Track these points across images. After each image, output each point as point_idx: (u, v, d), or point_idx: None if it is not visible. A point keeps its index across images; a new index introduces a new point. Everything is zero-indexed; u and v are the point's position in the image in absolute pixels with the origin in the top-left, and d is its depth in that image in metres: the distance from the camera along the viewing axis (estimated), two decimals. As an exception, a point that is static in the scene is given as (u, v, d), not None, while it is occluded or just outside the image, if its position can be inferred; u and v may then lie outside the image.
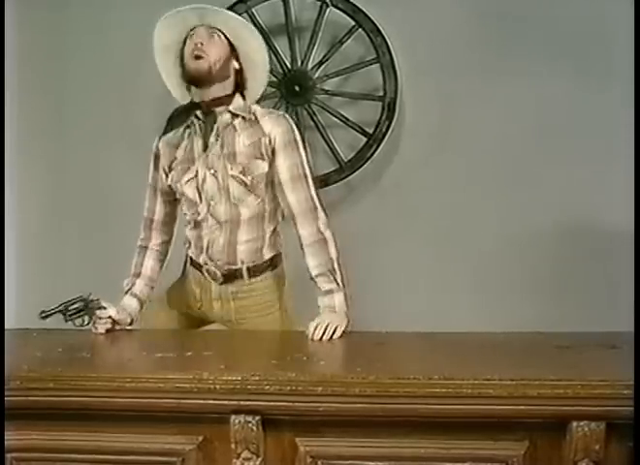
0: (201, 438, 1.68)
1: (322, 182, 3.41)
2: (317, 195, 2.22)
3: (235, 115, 2.18)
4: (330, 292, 2.16)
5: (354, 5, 3.28)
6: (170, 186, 2.26)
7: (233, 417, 1.63)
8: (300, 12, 3.36)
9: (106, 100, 3.49)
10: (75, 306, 2.15)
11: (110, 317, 2.17)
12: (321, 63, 3.35)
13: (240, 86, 2.21)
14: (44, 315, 2.10)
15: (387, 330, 2.12)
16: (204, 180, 2.17)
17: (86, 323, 2.15)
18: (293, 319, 2.33)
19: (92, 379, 1.65)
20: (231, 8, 3.32)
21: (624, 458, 1.59)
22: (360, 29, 3.29)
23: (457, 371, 1.65)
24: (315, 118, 3.37)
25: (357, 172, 3.39)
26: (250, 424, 1.62)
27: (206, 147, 2.17)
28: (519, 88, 3.28)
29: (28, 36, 3.48)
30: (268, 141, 2.16)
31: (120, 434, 1.69)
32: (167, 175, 2.26)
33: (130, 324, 2.25)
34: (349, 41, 3.32)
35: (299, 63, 3.37)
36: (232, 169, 2.15)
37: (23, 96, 3.49)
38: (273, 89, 3.39)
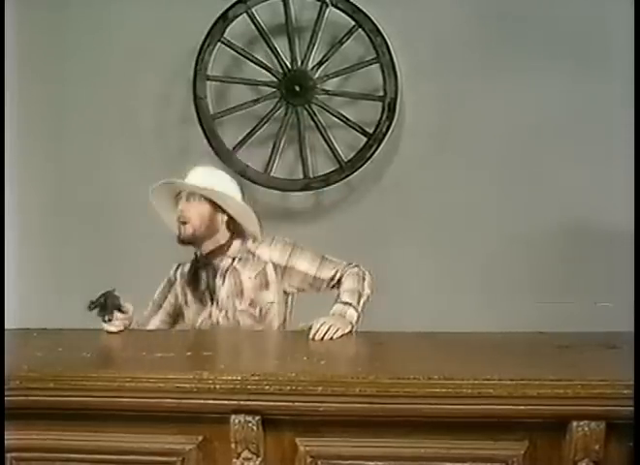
0: (201, 438, 1.68)
1: (322, 182, 3.42)
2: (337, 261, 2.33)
3: (234, 259, 2.33)
4: (347, 304, 2.18)
5: (354, 5, 3.28)
6: (178, 309, 2.42)
7: (233, 416, 1.63)
8: (300, 12, 3.36)
9: (106, 100, 3.49)
10: (98, 301, 2.14)
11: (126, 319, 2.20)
12: (321, 63, 3.36)
13: (236, 233, 2.35)
14: (92, 307, 2.13)
15: (387, 330, 2.12)
16: (217, 322, 2.32)
17: (107, 319, 2.14)
18: None
19: (92, 379, 1.65)
20: (231, 8, 3.34)
21: (624, 458, 1.59)
22: (360, 29, 3.29)
23: (457, 371, 1.64)
24: (315, 118, 3.37)
25: (357, 172, 3.39)
26: (250, 424, 1.62)
27: (213, 292, 2.32)
28: (519, 88, 3.28)
29: (28, 36, 3.48)
30: (272, 267, 2.31)
31: (120, 434, 1.69)
32: (179, 309, 2.41)
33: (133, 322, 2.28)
34: (349, 41, 3.33)
35: (299, 63, 3.37)
36: (240, 304, 2.30)
37: (23, 96, 3.49)
38: (273, 89, 3.39)
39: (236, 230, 2.34)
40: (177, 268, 2.43)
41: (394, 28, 3.28)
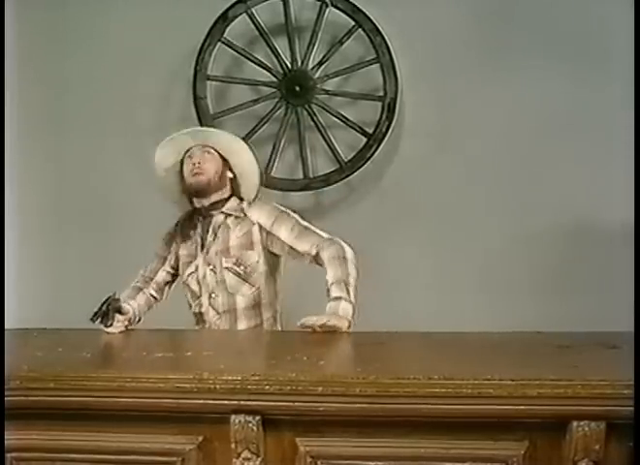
0: (201, 438, 1.68)
1: (322, 182, 3.42)
2: (320, 232, 2.37)
3: (228, 215, 2.42)
4: (338, 298, 2.18)
5: (354, 5, 3.28)
6: (178, 260, 2.49)
7: (233, 417, 1.63)
8: (299, 12, 3.37)
9: (106, 100, 3.50)
10: (111, 306, 2.14)
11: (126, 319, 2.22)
12: (321, 63, 3.36)
13: (234, 191, 2.47)
14: (95, 319, 2.13)
15: (387, 330, 2.11)
16: (204, 276, 2.40)
17: (109, 324, 2.14)
18: None
19: (92, 379, 1.65)
20: (231, 8, 3.34)
21: (624, 458, 1.59)
22: (360, 29, 3.30)
23: (457, 371, 1.64)
24: (315, 118, 3.37)
25: (357, 172, 3.40)
26: (250, 424, 1.62)
27: (204, 246, 2.41)
28: (519, 88, 3.28)
29: (28, 36, 3.48)
30: (258, 229, 2.38)
31: (120, 434, 1.69)
32: (177, 259, 2.49)
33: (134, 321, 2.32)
34: (349, 41, 3.33)
35: (299, 63, 3.37)
36: (226, 261, 2.38)
37: (23, 96, 3.50)
38: (273, 89, 3.39)
39: (236, 188, 2.46)
40: (178, 223, 2.53)
41: (394, 28, 3.28)
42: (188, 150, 2.42)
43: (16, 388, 1.64)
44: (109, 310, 2.11)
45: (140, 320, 2.38)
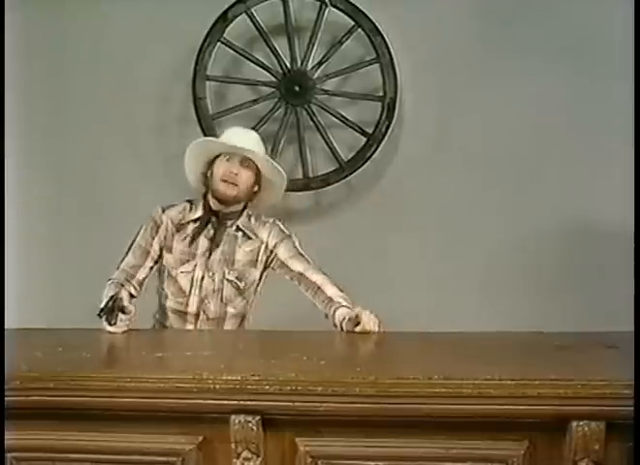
0: (201, 438, 1.68)
1: (322, 182, 3.42)
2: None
3: (239, 229, 2.43)
4: (347, 307, 2.24)
5: (353, 5, 3.28)
6: (160, 252, 2.46)
7: (233, 417, 1.63)
8: (299, 12, 3.37)
9: (105, 99, 3.50)
10: (107, 306, 2.13)
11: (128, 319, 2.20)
12: (321, 63, 3.36)
13: (250, 203, 2.48)
14: (102, 314, 2.11)
15: (387, 330, 2.12)
16: (201, 279, 2.41)
17: (113, 322, 2.13)
18: None
19: (92, 379, 1.65)
20: (230, 8, 3.34)
21: (624, 458, 1.59)
22: (359, 29, 3.30)
23: (457, 371, 1.64)
24: (315, 118, 3.37)
25: (357, 172, 3.40)
26: (250, 424, 1.62)
27: (209, 251, 2.40)
28: (519, 88, 3.28)
29: (28, 35, 3.48)
30: (264, 247, 2.43)
31: (120, 434, 1.69)
32: (160, 251, 2.46)
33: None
34: (349, 41, 3.33)
35: (298, 63, 3.37)
36: (229, 273, 2.41)
37: (23, 96, 3.49)
38: (273, 89, 3.39)
39: (253, 200, 2.47)
40: (164, 212, 2.47)
41: (394, 28, 3.28)
42: (228, 154, 2.40)
43: (16, 389, 1.64)
44: (114, 308, 2.10)
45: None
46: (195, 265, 2.41)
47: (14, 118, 3.42)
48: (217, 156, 2.40)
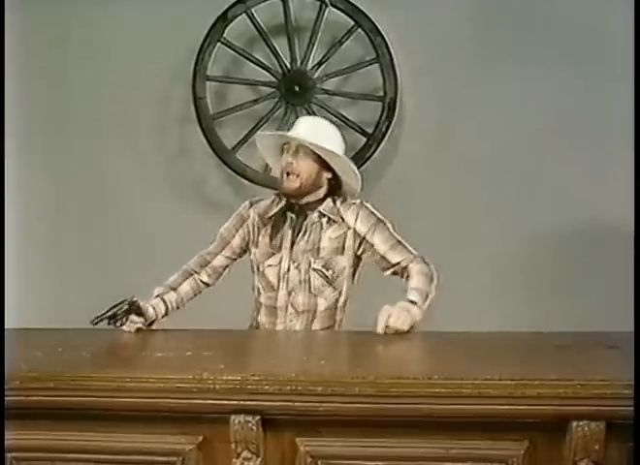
0: (201, 438, 1.68)
1: (322, 182, 3.41)
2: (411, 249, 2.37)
3: (323, 215, 2.35)
4: (413, 302, 2.16)
5: (353, 5, 3.28)
6: (244, 246, 2.43)
7: (233, 417, 1.63)
8: (299, 12, 3.37)
9: (105, 99, 3.50)
10: (122, 310, 2.10)
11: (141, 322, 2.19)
12: (321, 63, 3.36)
13: (332, 191, 2.38)
14: (95, 321, 2.06)
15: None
16: (287, 271, 2.35)
17: (118, 324, 2.12)
18: None
19: (92, 379, 1.65)
20: (230, 8, 3.34)
21: (624, 458, 1.59)
22: (359, 29, 3.30)
23: (457, 371, 1.65)
24: (315, 118, 3.37)
25: (357, 172, 3.39)
26: (250, 424, 1.62)
27: (293, 241, 2.34)
28: (518, 88, 3.28)
29: (28, 35, 3.48)
30: (352, 234, 2.34)
31: (120, 434, 1.69)
32: (247, 246, 2.43)
33: (152, 322, 2.25)
34: (349, 41, 3.33)
35: (298, 63, 3.37)
36: (315, 263, 2.34)
37: (23, 96, 3.49)
38: (273, 89, 3.40)
39: (335, 186, 2.38)
40: (251, 206, 2.43)
41: (394, 28, 3.28)
42: (286, 143, 2.33)
43: (16, 388, 1.64)
44: (115, 315, 2.08)
45: (179, 308, 2.34)
46: (281, 258, 2.35)
47: (14, 118, 3.43)
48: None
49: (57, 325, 2.19)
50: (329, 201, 2.37)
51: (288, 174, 2.29)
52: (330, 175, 2.35)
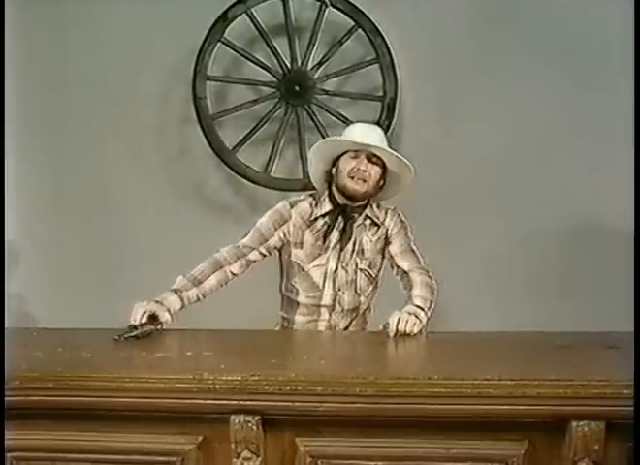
0: (201, 438, 1.68)
1: (322, 182, 3.41)
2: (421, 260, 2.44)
3: (367, 217, 2.43)
4: (419, 307, 2.19)
5: (353, 5, 3.28)
6: (280, 246, 2.45)
7: (233, 417, 1.63)
8: (299, 12, 3.36)
9: (105, 99, 3.50)
10: (146, 330, 2.09)
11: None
12: (321, 63, 3.36)
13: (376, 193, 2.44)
14: (123, 338, 2.03)
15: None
16: (334, 271, 2.41)
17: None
18: None
19: (92, 379, 1.65)
20: (230, 8, 3.34)
21: (624, 458, 1.59)
22: (359, 29, 3.29)
23: (457, 371, 1.65)
24: (315, 118, 3.37)
25: (357, 172, 3.39)
26: (250, 424, 1.62)
27: (340, 242, 2.40)
28: (519, 88, 3.28)
29: (28, 35, 3.48)
30: (384, 232, 2.44)
31: (120, 434, 1.69)
32: (283, 246, 2.45)
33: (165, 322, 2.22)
34: (349, 41, 3.33)
35: (298, 63, 3.37)
36: (362, 263, 2.42)
37: (23, 96, 3.49)
38: (273, 89, 3.40)
39: (378, 194, 2.44)
40: (292, 207, 2.44)
41: (394, 28, 3.28)
42: (355, 151, 2.35)
43: (16, 388, 1.64)
44: (135, 336, 2.06)
45: (198, 301, 2.31)
46: (327, 259, 2.41)
47: (14, 118, 3.42)
48: (343, 153, 2.38)
49: (57, 325, 2.19)
50: (371, 205, 2.44)
51: (353, 178, 2.33)
52: (382, 183, 2.41)
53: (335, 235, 2.40)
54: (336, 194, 2.40)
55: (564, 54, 3.25)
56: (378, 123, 3.32)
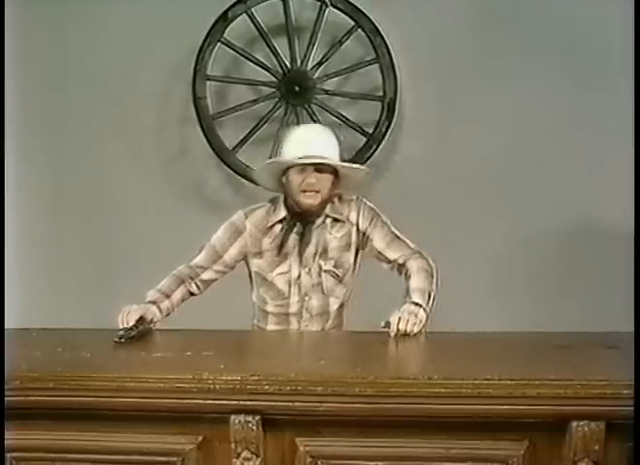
0: (201, 438, 1.68)
1: (322, 182, 3.41)
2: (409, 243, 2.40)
3: (327, 217, 2.35)
4: (417, 304, 2.17)
5: (353, 5, 3.28)
6: (239, 259, 2.39)
7: (233, 417, 1.63)
8: (299, 12, 3.36)
9: (105, 99, 3.49)
10: (143, 329, 2.11)
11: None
12: (321, 63, 3.36)
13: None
14: (124, 340, 2.04)
15: (387, 330, 2.11)
16: (298, 277, 2.35)
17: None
18: None
19: (92, 379, 1.65)
20: (230, 8, 3.34)
21: (624, 458, 1.59)
22: (359, 29, 3.29)
23: (457, 371, 1.65)
24: (315, 118, 3.37)
25: (357, 172, 3.39)
26: (250, 424, 1.62)
27: (300, 247, 2.33)
28: (518, 88, 3.28)
29: (28, 35, 3.48)
30: (355, 230, 2.36)
31: (120, 434, 1.69)
32: (244, 258, 2.39)
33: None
34: (349, 41, 3.33)
35: (298, 63, 3.37)
36: (326, 264, 2.35)
37: (23, 96, 3.49)
38: (273, 89, 3.40)
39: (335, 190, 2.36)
40: (247, 217, 2.37)
41: (393, 28, 3.28)
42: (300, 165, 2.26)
43: (16, 388, 1.64)
44: (133, 337, 2.07)
45: (169, 314, 2.30)
46: (290, 265, 2.35)
47: (14, 118, 3.42)
48: (289, 167, 2.28)
49: (57, 325, 2.19)
50: (332, 201, 2.36)
51: (305, 192, 2.25)
52: (335, 181, 2.32)
53: (292, 240, 2.33)
54: (292, 204, 2.31)
55: (564, 55, 3.25)
56: (378, 123, 3.33)
